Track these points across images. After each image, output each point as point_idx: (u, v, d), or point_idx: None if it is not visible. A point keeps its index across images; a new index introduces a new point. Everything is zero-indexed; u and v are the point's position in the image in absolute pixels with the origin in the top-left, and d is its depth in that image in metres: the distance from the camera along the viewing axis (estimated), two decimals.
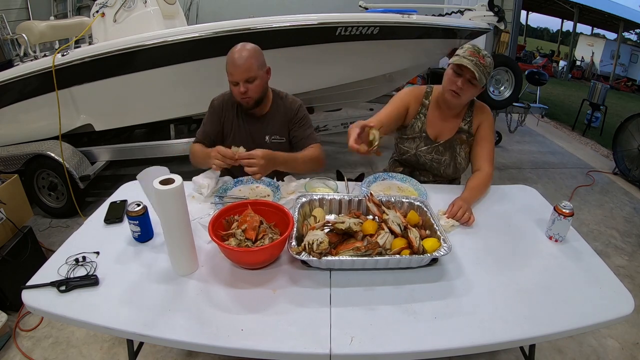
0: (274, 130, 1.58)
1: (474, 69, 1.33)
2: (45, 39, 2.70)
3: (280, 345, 0.82)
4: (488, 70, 1.37)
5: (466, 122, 1.51)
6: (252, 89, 1.44)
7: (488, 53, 1.39)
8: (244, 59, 1.41)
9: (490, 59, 1.38)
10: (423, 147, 1.54)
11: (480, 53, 1.37)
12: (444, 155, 1.53)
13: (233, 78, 1.43)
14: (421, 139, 1.55)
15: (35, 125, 2.66)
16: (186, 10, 4.65)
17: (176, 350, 1.61)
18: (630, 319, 1.18)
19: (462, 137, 1.51)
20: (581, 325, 0.89)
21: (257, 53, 1.45)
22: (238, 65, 1.41)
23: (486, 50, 1.42)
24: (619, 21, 11.16)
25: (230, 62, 1.42)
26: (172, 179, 0.93)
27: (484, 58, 1.36)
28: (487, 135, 1.50)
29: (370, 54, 2.68)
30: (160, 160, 2.96)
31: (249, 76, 1.42)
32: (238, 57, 1.41)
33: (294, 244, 1.02)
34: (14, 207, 2.01)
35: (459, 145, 1.52)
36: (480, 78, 1.35)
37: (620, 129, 3.39)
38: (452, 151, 1.52)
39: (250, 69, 1.41)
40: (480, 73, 1.34)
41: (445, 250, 1.00)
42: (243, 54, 1.42)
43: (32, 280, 0.99)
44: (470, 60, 1.35)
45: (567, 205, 1.15)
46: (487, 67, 1.37)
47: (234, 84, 1.44)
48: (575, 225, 1.20)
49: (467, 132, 1.51)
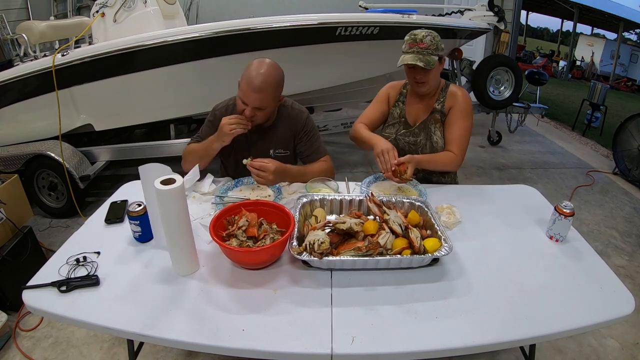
0: (279, 143, 1.50)
1: (417, 60, 1.37)
2: (45, 39, 2.70)
3: (281, 346, 0.82)
4: (434, 47, 1.39)
5: (439, 103, 1.53)
6: (259, 116, 1.36)
7: (426, 31, 1.42)
8: (263, 88, 1.29)
9: (430, 36, 1.40)
10: (402, 130, 1.58)
11: (417, 38, 1.39)
12: (419, 136, 1.55)
13: (244, 99, 1.32)
14: (400, 124, 1.59)
15: (35, 125, 2.66)
16: (186, 10, 4.65)
17: (176, 350, 1.61)
18: (630, 319, 1.18)
19: (435, 117, 1.54)
20: (581, 325, 0.89)
21: (277, 84, 1.35)
22: (255, 90, 1.29)
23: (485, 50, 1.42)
24: (619, 21, 11.16)
25: (247, 83, 1.29)
26: (172, 179, 0.93)
27: (423, 41, 1.39)
28: (456, 119, 1.51)
29: (370, 54, 2.68)
30: (160, 160, 2.95)
31: (261, 105, 1.32)
32: (257, 83, 1.28)
33: (295, 244, 1.02)
34: (14, 207, 2.01)
35: (433, 124, 1.54)
36: (427, 61, 1.37)
37: (620, 129, 3.39)
38: (426, 131, 1.54)
39: (264, 99, 1.31)
40: (426, 57, 1.38)
41: (446, 250, 1.00)
42: (264, 80, 1.29)
43: (33, 280, 0.99)
44: (410, 52, 1.40)
45: (568, 205, 1.15)
46: (430, 46, 1.38)
47: (242, 102, 1.34)
48: (575, 225, 1.20)
49: (440, 111, 1.53)
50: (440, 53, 1.43)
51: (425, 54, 1.39)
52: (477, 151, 3.86)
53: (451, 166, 1.51)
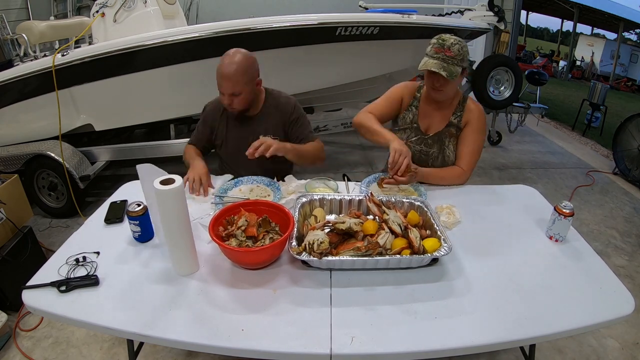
0: (268, 130, 1.56)
1: (440, 69, 1.33)
2: (45, 39, 2.70)
3: (280, 345, 0.82)
4: (460, 57, 1.35)
5: (456, 117, 1.51)
6: (237, 102, 1.45)
7: (456, 38, 1.37)
8: (232, 73, 1.38)
9: (459, 45, 1.35)
10: (413, 137, 1.55)
11: (445, 45, 1.35)
12: (432, 147, 1.53)
13: (219, 88, 1.43)
14: (412, 130, 1.56)
15: (35, 125, 2.66)
16: (186, 10, 4.65)
17: (176, 350, 1.61)
18: (630, 319, 1.18)
19: (451, 131, 1.51)
20: (581, 325, 0.89)
21: (247, 68, 1.41)
22: (225, 78, 1.39)
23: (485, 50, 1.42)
24: (619, 21, 11.16)
25: (218, 73, 1.40)
26: (172, 179, 0.93)
27: (451, 49, 1.34)
28: (470, 135, 1.49)
29: (370, 54, 2.68)
30: (160, 160, 2.96)
31: (234, 91, 1.41)
32: (227, 71, 1.38)
33: (295, 244, 1.02)
34: (14, 207, 2.01)
35: (447, 138, 1.52)
36: (451, 72, 1.34)
37: (620, 129, 3.39)
38: (440, 144, 1.52)
39: (236, 84, 1.40)
40: (450, 66, 1.34)
41: (446, 250, 1.00)
42: (232, 68, 1.38)
43: (33, 280, 0.99)
44: (435, 58, 1.35)
45: (568, 205, 1.15)
46: (456, 56, 1.34)
47: (220, 92, 1.45)
48: (575, 225, 1.20)
49: (457, 126, 1.51)
50: (465, 65, 1.39)
51: (450, 63, 1.34)
52: None
53: (458, 182, 1.50)
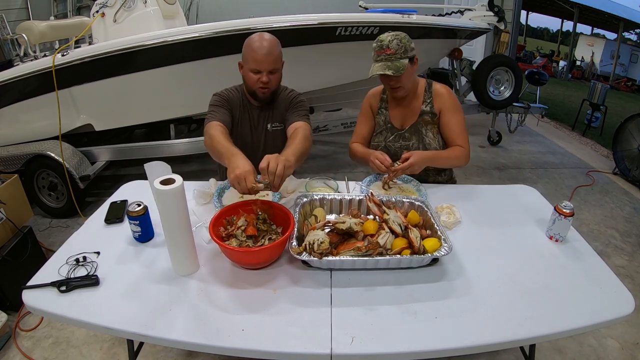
0: (275, 118, 1.56)
1: (385, 69, 1.36)
2: (45, 39, 2.70)
3: (280, 345, 0.82)
4: (402, 50, 1.36)
5: (427, 104, 1.52)
6: (274, 80, 1.43)
7: (392, 34, 1.38)
8: (272, 49, 1.38)
9: (396, 39, 1.37)
10: (390, 137, 1.57)
11: (384, 45, 1.37)
12: (410, 140, 1.54)
13: (259, 67, 1.38)
14: (387, 130, 1.58)
15: (35, 125, 2.66)
16: (186, 10, 4.65)
17: (176, 350, 1.61)
18: (630, 319, 1.19)
19: (426, 119, 1.52)
20: (581, 325, 0.89)
21: (278, 44, 1.43)
22: (267, 54, 1.37)
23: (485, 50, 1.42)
24: (619, 21, 11.15)
25: (257, 51, 1.37)
26: (172, 179, 0.94)
27: (390, 47, 1.36)
28: (451, 117, 1.50)
29: (370, 54, 2.67)
30: (160, 160, 2.96)
31: (275, 67, 1.40)
32: (267, 45, 1.37)
33: (295, 244, 1.02)
34: (14, 207, 2.01)
35: (424, 127, 1.53)
36: (397, 67, 1.36)
37: (620, 129, 3.39)
38: (418, 134, 1.53)
39: (277, 60, 1.40)
40: (394, 63, 1.36)
41: (446, 250, 1.00)
42: (270, 44, 1.38)
43: (33, 280, 0.99)
44: (379, 61, 1.39)
45: (568, 205, 1.15)
46: (397, 51, 1.36)
47: (255, 72, 1.40)
48: (575, 225, 1.20)
49: (430, 112, 1.52)
50: (411, 54, 1.40)
51: (393, 60, 1.37)
52: (477, 151, 3.86)
53: (463, 160, 1.49)
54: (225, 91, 1.55)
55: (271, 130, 1.57)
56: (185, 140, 2.79)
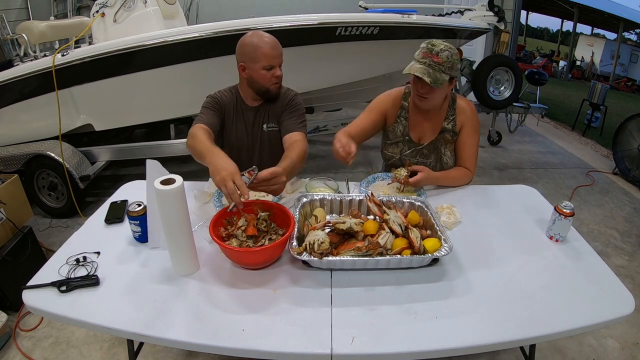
0: (270, 118, 1.55)
1: (425, 74, 1.27)
2: (45, 39, 2.70)
3: (281, 346, 0.82)
4: (449, 65, 1.29)
5: (449, 122, 1.46)
6: (281, 74, 1.46)
7: (446, 45, 1.31)
8: (277, 43, 1.41)
9: (448, 52, 1.29)
10: (407, 150, 1.50)
11: (434, 50, 1.29)
12: (429, 157, 1.49)
13: (271, 62, 1.40)
14: (404, 143, 1.51)
15: (35, 125, 2.66)
16: (186, 10, 4.65)
17: (176, 350, 1.61)
18: (630, 319, 1.18)
19: (446, 137, 1.47)
20: (581, 325, 0.89)
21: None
22: (276, 48, 1.39)
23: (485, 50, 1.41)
24: (619, 21, 11.15)
25: (265, 46, 1.38)
26: (172, 179, 0.93)
27: (439, 55, 1.28)
28: (468, 137, 1.47)
29: (370, 54, 2.68)
30: (160, 160, 2.95)
31: (282, 60, 1.43)
32: (273, 41, 1.40)
33: (295, 244, 1.02)
34: (14, 207, 2.01)
35: (443, 145, 1.49)
36: (436, 79, 1.28)
37: (620, 129, 3.39)
38: (437, 153, 1.49)
39: (282, 53, 1.43)
40: (436, 73, 1.28)
41: (446, 250, 1.00)
42: (272, 38, 1.41)
43: (33, 280, 0.99)
44: (422, 63, 1.30)
45: (568, 205, 1.15)
46: (444, 63, 1.28)
47: (268, 69, 1.40)
48: (575, 225, 1.20)
49: (452, 131, 1.47)
50: (454, 73, 1.32)
51: (436, 70, 1.28)
52: (477, 151, 3.85)
53: (466, 182, 1.49)
54: (218, 93, 1.55)
55: (267, 131, 1.56)
56: (185, 140, 2.79)
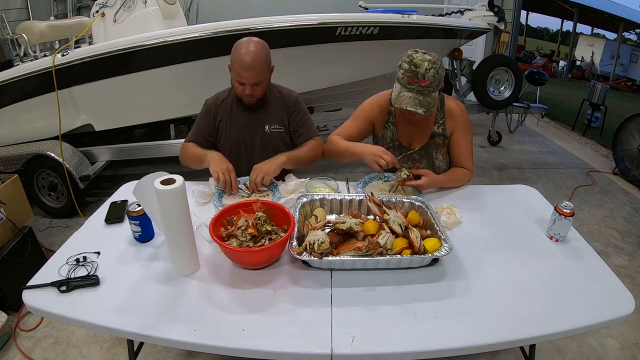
0: (273, 119, 1.56)
1: (417, 105, 1.23)
2: (45, 39, 2.70)
3: (281, 346, 0.82)
4: (436, 83, 1.25)
5: (439, 125, 1.45)
6: (258, 91, 1.44)
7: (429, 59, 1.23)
8: (255, 62, 1.35)
9: (433, 69, 1.22)
10: (398, 156, 1.47)
11: (419, 74, 1.21)
12: (420, 162, 1.49)
13: (241, 79, 1.39)
14: (395, 148, 1.50)
15: (35, 125, 2.66)
16: (186, 10, 4.65)
17: (176, 350, 1.61)
18: (630, 319, 1.19)
19: (437, 142, 1.46)
20: (581, 325, 0.89)
21: (265, 55, 1.40)
22: (249, 68, 1.35)
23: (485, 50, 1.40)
24: (619, 21, 11.15)
25: (239, 63, 1.36)
26: (172, 179, 0.93)
27: (425, 77, 1.22)
28: (462, 138, 1.46)
29: (370, 54, 2.68)
30: (160, 160, 2.96)
31: (257, 80, 1.39)
32: (250, 60, 1.34)
33: (295, 244, 1.02)
34: (14, 207, 2.01)
35: (434, 150, 1.48)
36: (428, 104, 1.24)
37: (620, 129, 3.38)
38: (428, 157, 1.49)
39: (260, 73, 1.38)
40: (426, 98, 1.24)
41: (446, 250, 1.00)
42: (254, 57, 1.35)
43: (33, 280, 0.99)
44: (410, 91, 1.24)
45: (568, 205, 1.15)
46: (432, 83, 1.23)
47: (239, 83, 1.41)
48: (575, 225, 1.20)
49: (442, 135, 1.45)
50: (441, 86, 1.29)
51: (426, 94, 1.24)
52: (477, 151, 3.86)
53: (467, 181, 1.49)
54: (214, 97, 1.58)
55: (269, 132, 1.56)
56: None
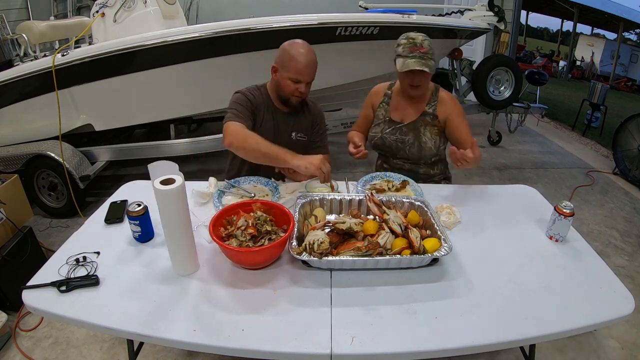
0: (300, 128, 1.57)
1: (422, 66, 1.38)
2: (45, 39, 2.70)
3: (281, 345, 0.82)
4: (431, 52, 1.41)
5: (431, 106, 1.55)
6: (308, 89, 1.46)
7: (422, 34, 1.43)
8: (314, 62, 1.40)
9: (427, 40, 1.42)
10: (387, 129, 1.60)
11: (417, 43, 1.40)
12: (407, 135, 1.57)
13: (300, 77, 1.39)
14: (385, 123, 1.62)
15: (35, 125, 2.66)
16: (186, 10, 4.65)
17: (176, 350, 1.61)
18: (630, 319, 1.18)
19: (426, 120, 1.56)
20: (581, 325, 0.89)
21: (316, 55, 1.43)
22: (311, 66, 1.39)
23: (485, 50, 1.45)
24: (619, 21, 11.15)
25: (302, 62, 1.37)
26: (172, 179, 0.93)
27: (423, 45, 1.40)
28: (459, 123, 1.53)
29: (370, 54, 2.68)
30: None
31: (313, 78, 1.43)
32: (311, 57, 1.39)
33: (295, 244, 1.02)
34: (14, 207, 2.01)
35: (422, 126, 1.56)
36: (430, 67, 1.39)
37: (620, 129, 3.38)
38: (416, 132, 1.56)
39: (315, 71, 1.42)
40: (427, 62, 1.39)
41: (446, 250, 1.00)
42: (313, 54, 1.39)
43: (33, 280, 0.99)
44: (412, 57, 1.40)
45: (568, 205, 1.15)
46: (429, 51, 1.40)
47: (295, 82, 1.40)
48: (575, 225, 1.20)
49: (432, 114, 1.55)
50: (435, 57, 1.44)
51: (426, 59, 1.39)
52: None
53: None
54: (248, 92, 1.48)
55: (295, 139, 1.55)
56: (185, 140, 2.79)
